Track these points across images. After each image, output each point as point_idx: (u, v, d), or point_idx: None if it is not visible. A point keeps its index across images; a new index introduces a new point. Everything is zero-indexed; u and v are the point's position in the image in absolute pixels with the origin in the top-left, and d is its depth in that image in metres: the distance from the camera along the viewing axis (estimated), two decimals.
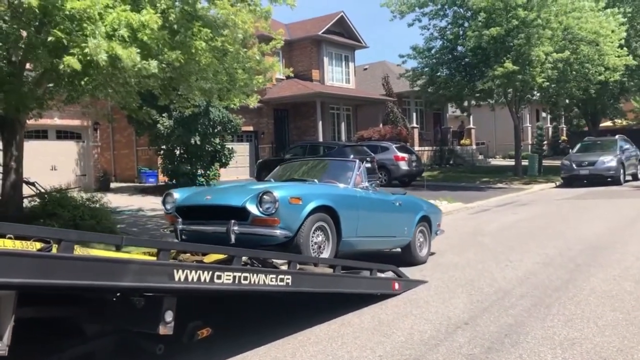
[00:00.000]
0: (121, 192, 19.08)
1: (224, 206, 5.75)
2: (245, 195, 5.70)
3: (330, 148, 19.63)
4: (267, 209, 5.40)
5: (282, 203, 5.40)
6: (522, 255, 7.76)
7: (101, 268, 3.17)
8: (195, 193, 6.46)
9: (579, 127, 40.39)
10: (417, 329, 4.75)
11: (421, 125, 32.85)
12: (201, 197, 6.18)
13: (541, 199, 16.82)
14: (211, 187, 6.61)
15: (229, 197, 5.95)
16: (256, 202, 5.47)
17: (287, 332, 4.80)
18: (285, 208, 5.43)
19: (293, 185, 6.25)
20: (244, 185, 6.41)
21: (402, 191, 8.23)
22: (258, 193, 5.51)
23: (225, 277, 3.89)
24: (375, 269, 5.75)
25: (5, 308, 2.87)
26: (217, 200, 5.92)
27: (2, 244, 3.11)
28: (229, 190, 6.43)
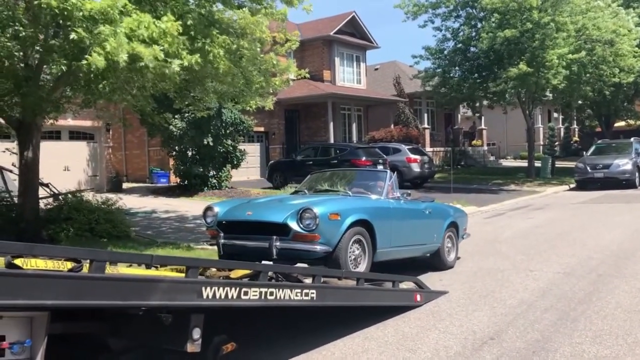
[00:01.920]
0: (133, 192, 19.13)
1: (265, 222, 5.92)
2: (285, 211, 5.90)
3: (342, 150, 19.58)
4: (307, 225, 5.64)
5: (322, 219, 5.63)
6: (542, 265, 7.67)
7: (132, 288, 3.13)
8: (235, 207, 6.56)
9: (591, 128, 40.05)
10: (442, 344, 4.68)
11: (432, 126, 32.69)
12: (242, 213, 6.31)
13: (556, 203, 16.69)
14: (249, 201, 6.68)
15: (270, 213, 6.12)
16: (297, 219, 5.70)
17: (311, 346, 4.75)
18: (325, 224, 5.65)
19: (331, 201, 6.35)
20: (282, 200, 6.47)
21: (430, 198, 8.20)
22: (298, 209, 5.74)
23: (252, 293, 3.85)
24: (397, 280, 5.69)
25: (38, 329, 2.84)
26: (259, 217, 6.09)
27: (35, 264, 3.08)
28: (269, 205, 6.55)
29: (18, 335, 2.83)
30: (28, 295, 2.64)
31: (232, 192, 19.04)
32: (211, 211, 6.47)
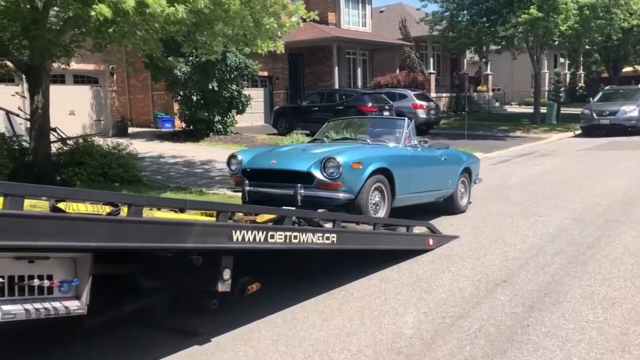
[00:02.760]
0: (139, 137, 19.15)
1: (290, 171, 6.11)
2: (309, 160, 6.09)
3: (348, 96, 19.47)
4: (330, 173, 5.84)
5: (345, 168, 5.82)
6: (550, 211, 7.82)
7: (169, 231, 3.25)
8: (258, 155, 6.73)
9: (598, 74, 39.57)
10: (456, 286, 4.86)
11: (438, 71, 32.35)
12: (267, 161, 6.49)
13: (561, 150, 16.75)
14: (272, 150, 6.81)
15: (293, 162, 6.30)
16: (320, 167, 5.91)
17: (329, 287, 4.93)
18: (347, 172, 5.85)
19: (352, 150, 6.49)
20: (305, 149, 6.61)
21: (445, 145, 8.29)
22: (322, 159, 5.94)
23: (278, 236, 3.98)
24: (411, 225, 5.83)
25: (83, 269, 2.97)
26: (283, 165, 6.28)
27: (77, 208, 3.19)
28: (292, 154, 6.69)
29: (64, 274, 2.96)
30: (74, 238, 2.75)
31: (238, 137, 19.09)
32: (235, 159, 6.61)
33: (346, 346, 3.73)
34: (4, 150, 9.80)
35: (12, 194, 2.53)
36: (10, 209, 2.52)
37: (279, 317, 4.32)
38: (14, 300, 2.73)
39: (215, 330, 4.06)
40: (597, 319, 4.05)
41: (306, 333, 3.99)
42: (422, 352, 3.59)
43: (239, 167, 6.52)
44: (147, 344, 3.90)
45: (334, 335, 3.93)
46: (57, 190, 2.82)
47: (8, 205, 2.52)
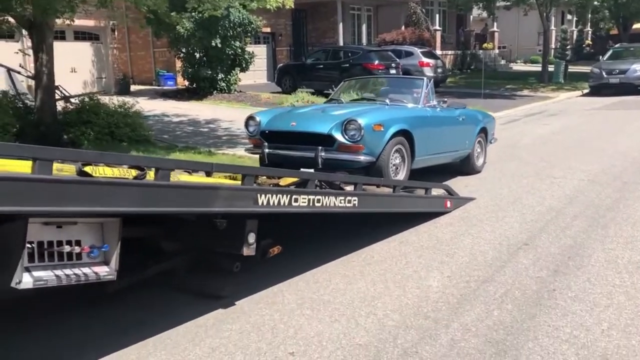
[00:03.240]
0: (141, 95, 18.85)
1: (310, 133, 6.01)
2: (329, 122, 5.99)
3: (354, 53, 19.12)
4: (352, 136, 5.76)
5: (367, 130, 5.73)
6: (565, 172, 7.74)
7: (196, 195, 3.17)
8: (277, 117, 6.61)
9: (606, 31, 38.85)
10: (478, 250, 4.82)
11: (443, 28, 31.74)
12: (286, 123, 6.36)
13: (570, 109, 16.55)
14: (290, 111, 6.67)
15: (314, 124, 6.19)
16: (341, 130, 5.81)
17: (349, 250, 4.89)
18: (369, 135, 5.77)
19: (373, 111, 6.37)
20: (324, 111, 6.47)
21: (462, 104, 8.14)
22: (343, 121, 5.83)
23: (302, 200, 3.91)
24: (430, 187, 5.76)
25: (112, 235, 2.91)
26: (304, 127, 6.17)
27: (103, 172, 3.10)
28: (312, 116, 6.56)
29: (92, 239, 2.90)
30: (103, 203, 2.68)
31: (241, 96, 18.86)
32: (253, 121, 6.48)
33: (372, 310, 3.71)
34: (9, 109, 9.64)
35: (41, 158, 2.44)
36: (40, 174, 2.44)
37: (302, 280, 4.28)
38: (44, 266, 2.68)
39: (238, 293, 4.03)
40: (623, 283, 4.02)
41: (330, 296, 3.96)
42: (449, 317, 3.57)
43: (257, 128, 6.40)
44: (172, 307, 3.87)
45: (359, 298, 3.90)
46: (84, 154, 2.73)
47: (37, 170, 2.44)
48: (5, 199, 2.31)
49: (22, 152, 2.42)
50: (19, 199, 2.37)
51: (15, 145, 2.37)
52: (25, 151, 2.44)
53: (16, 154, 2.40)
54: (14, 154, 2.39)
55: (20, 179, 2.38)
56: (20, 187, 2.37)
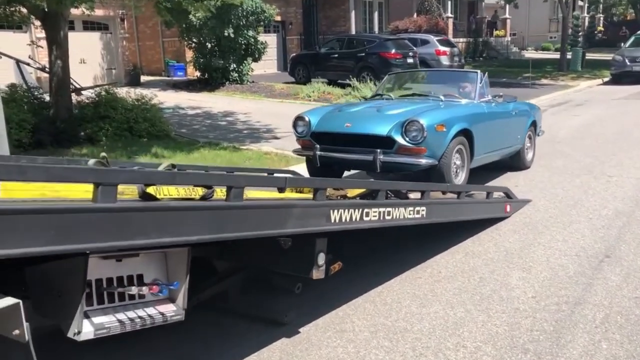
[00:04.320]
0: (152, 86, 18.37)
1: (368, 135, 5.55)
2: (388, 123, 5.51)
3: (370, 42, 18.56)
4: (414, 137, 5.31)
5: (429, 131, 5.28)
6: (617, 169, 7.27)
7: (270, 215, 2.73)
8: (328, 117, 6.12)
9: (622, 15, 38.10)
10: (555, 263, 4.36)
11: (455, 15, 31.07)
12: (340, 124, 5.88)
13: (596, 98, 16.02)
14: (340, 109, 6.18)
15: (371, 125, 5.69)
16: (401, 131, 5.35)
17: (410, 264, 4.44)
18: (431, 136, 5.32)
19: (434, 110, 5.89)
20: (379, 109, 5.96)
21: (513, 97, 7.66)
22: (404, 121, 5.35)
23: (372, 213, 3.47)
24: (492, 191, 5.29)
25: (178, 266, 2.46)
26: (360, 129, 5.68)
27: (168, 193, 2.65)
28: (367, 115, 6.03)
29: (156, 273, 2.46)
30: (172, 231, 2.23)
31: (255, 86, 18.38)
32: (302, 121, 6.02)
33: (460, 341, 3.26)
34: (23, 104, 9.18)
35: (105, 182, 1.99)
36: (103, 202, 1.98)
37: (367, 302, 3.84)
38: (104, 309, 2.23)
39: (301, 318, 3.59)
40: None
41: (406, 323, 3.52)
42: (552, 350, 3.12)
43: (307, 129, 5.93)
44: (229, 336, 3.43)
45: (440, 326, 3.45)
46: (153, 174, 2.26)
47: (100, 197, 1.98)
48: (65, 235, 1.86)
49: (83, 176, 1.97)
50: (82, 234, 1.92)
51: (77, 169, 1.91)
52: (87, 174, 1.99)
53: (77, 178, 1.95)
54: (74, 178, 1.94)
55: (83, 209, 1.93)
56: (83, 220, 1.92)
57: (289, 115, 14.10)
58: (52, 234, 1.84)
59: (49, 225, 1.84)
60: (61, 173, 1.93)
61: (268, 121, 12.44)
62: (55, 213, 1.87)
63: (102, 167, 1.98)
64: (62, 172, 1.94)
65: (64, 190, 2.28)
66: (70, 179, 1.96)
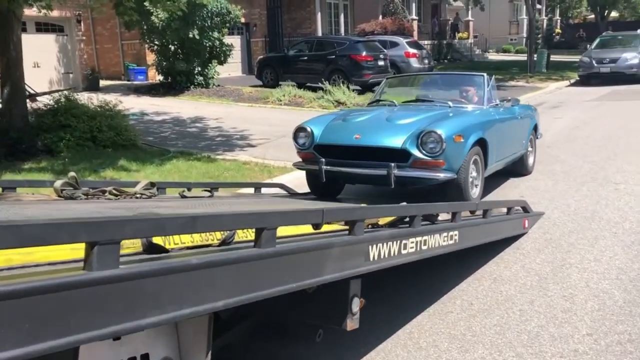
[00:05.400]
0: (112, 91, 17.41)
1: (380, 148, 4.98)
2: (401, 134, 4.95)
3: (340, 44, 18.01)
4: (431, 149, 4.78)
5: (448, 143, 4.76)
6: (622, 176, 6.90)
7: (306, 261, 2.12)
8: (332, 127, 5.48)
9: (582, 17, 38.79)
10: (597, 288, 3.87)
11: (419, 17, 30.93)
12: (347, 135, 5.25)
13: (569, 100, 15.90)
14: (344, 118, 5.54)
15: (383, 136, 5.11)
16: (417, 143, 4.81)
17: (435, 295, 3.89)
18: (450, 148, 4.81)
19: (450, 119, 5.34)
20: (389, 119, 5.35)
21: (516, 99, 7.22)
22: (419, 132, 4.81)
23: (410, 245, 2.91)
24: (512, 205, 4.77)
25: (197, 340, 1.83)
26: (371, 141, 5.09)
27: (179, 241, 2.00)
28: (376, 126, 5.39)
29: (164, 349, 1.82)
30: (193, 298, 1.61)
31: (222, 90, 17.64)
32: (304, 132, 5.38)
33: None
34: None
35: (103, 240, 1.35)
36: (101, 269, 1.35)
37: (399, 347, 3.26)
38: None
39: None
40: None
41: None
42: None
43: (309, 140, 5.30)
44: None
45: None
46: (166, 223, 1.60)
47: (96, 262, 1.34)
48: (46, 328, 1.23)
49: (72, 234, 1.32)
50: (72, 321, 1.29)
51: (61, 224, 1.27)
52: (77, 231, 1.34)
53: (63, 238, 1.31)
54: (59, 239, 1.31)
55: (72, 285, 1.29)
56: (73, 300, 1.29)
57: (261, 120, 13.55)
58: (25, 330, 1.20)
59: (21, 314, 1.20)
60: (39, 233, 1.28)
61: (240, 127, 11.77)
62: (28, 295, 1.22)
63: (97, 219, 1.34)
64: (41, 231, 1.29)
65: (39, 250, 1.62)
66: (54, 239, 1.32)
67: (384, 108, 5.99)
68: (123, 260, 1.45)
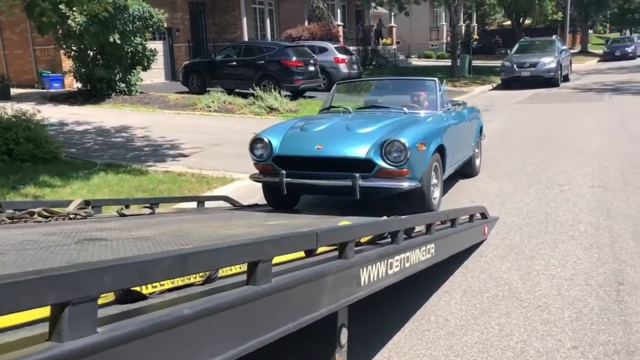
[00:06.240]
0: (25, 100, 16.22)
1: (344, 158, 4.73)
2: (363, 143, 4.75)
3: (269, 49, 17.66)
4: (395, 158, 4.60)
5: (412, 151, 4.59)
6: (564, 178, 6.98)
7: (301, 294, 1.80)
8: (291, 137, 5.14)
9: (502, 26, 40.45)
10: (571, 296, 3.75)
11: (344, 23, 31.11)
12: (308, 146, 4.93)
13: (495, 104, 16.32)
14: (304, 127, 5.15)
15: (345, 146, 4.84)
16: (381, 152, 4.63)
17: (407, 310, 3.65)
18: (414, 156, 4.64)
19: (408, 126, 5.13)
20: (348, 127, 5.04)
21: (461, 101, 7.18)
22: (383, 142, 4.64)
23: (395, 264, 2.64)
24: (474, 212, 4.62)
25: None
26: (334, 152, 4.82)
27: (155, 284, 1.60)
28: (336, 135, 5.09)
29: None
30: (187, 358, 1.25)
31: (146, 97, 16.86)
32: (262, 142, 5.00)
33: None
34: None
35: (77, 299, 0.98)
36: (75, 336, 0.98)
37: None
38: None
39: None
40: None
41: None
42: None
43: (267, 151, 4.92)
44: None
45: None
46: (151, 266, 1.22)
47: (68, 330, 0.97)
48: None
49: (36, 297, 0.94)
50: None
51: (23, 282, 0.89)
52: (42, 288, 0.96)
53: (25, 304, 0.92)
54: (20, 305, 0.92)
55: None
56: None
57: (191, 128, 12.96)
58: None
59: None
60: None
61: (169, 136, 11.19)
62: None
63: (63, 270, 0.96)
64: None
65: None
66: (15, 306, 0.93)
67: (339, 115, 5.73)
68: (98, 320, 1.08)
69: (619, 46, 35.18)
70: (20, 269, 1.89)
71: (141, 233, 3.10)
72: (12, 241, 2.59)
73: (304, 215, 4.61)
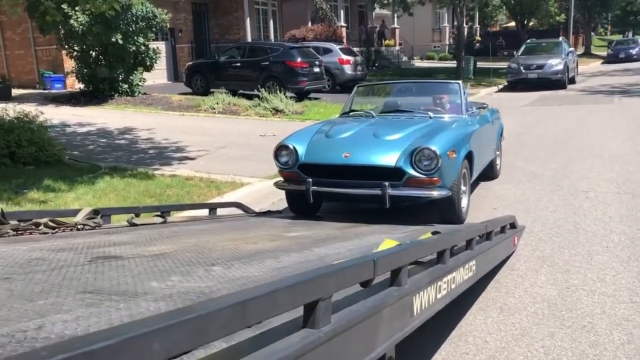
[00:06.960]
0: (27, 101, 16.00)
1: (373, 166, 4.53)
2: (392, 150, 4.56)
3: (274, 50, 17.42)
4: (426, 167, 4.41)
5: (443, 159, 4.40)
6: (587, 184, 6.73)
7: (360, 333, 1.55)
8: (317, 144, 4.93)
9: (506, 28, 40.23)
10: (616, 315, 3.49)
11: (347, 24, 30.88)
12: (335, 154, 4.71)
13: (503, 106, 15.91)
14: (329, 134, 4.91)
15: (374, 154, 4.64)
16: (411, 160, 4.44)
17: (439, 330, 3.39)
18: (445, 164, 4.45)
19: (437, 132, 4.91)
20: (375, 134, 4.80)
21: (484, 103, 6.96)
22: (413, 150, 4.44)
23: (443, 286, 2.38)
24: (506, 223, 4.36)
25: None
26: (363, 160, 4.62)
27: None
28: (364, 142, 4.85)
29: None
30: None
31: (149, 99, 16.63)
32: (287, 150, 4.79)
33: None
34: None
35: None
36: None
37: None
38: None
39: None
40: None
41: None
42: None
43: (292, 159, 4.70)
44: None
45: None
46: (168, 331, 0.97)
47: None
48: None
49: None
50: None
51: None
52: None
53: None
54: None
55: None
56: None
57: (195, 129, 12.68)
58: None
59: None
60: None
61: (174, 138, 10.94)
62: None
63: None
64: None
65: None
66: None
67: (363, 120, 5.46)
68: None
69: (623, 48, 34.99)
70: (29, 300, 1.64)
71: (158, 248, 2.85)
72: (18, 260, 2.34)
73: (325, 224, 4.36)
